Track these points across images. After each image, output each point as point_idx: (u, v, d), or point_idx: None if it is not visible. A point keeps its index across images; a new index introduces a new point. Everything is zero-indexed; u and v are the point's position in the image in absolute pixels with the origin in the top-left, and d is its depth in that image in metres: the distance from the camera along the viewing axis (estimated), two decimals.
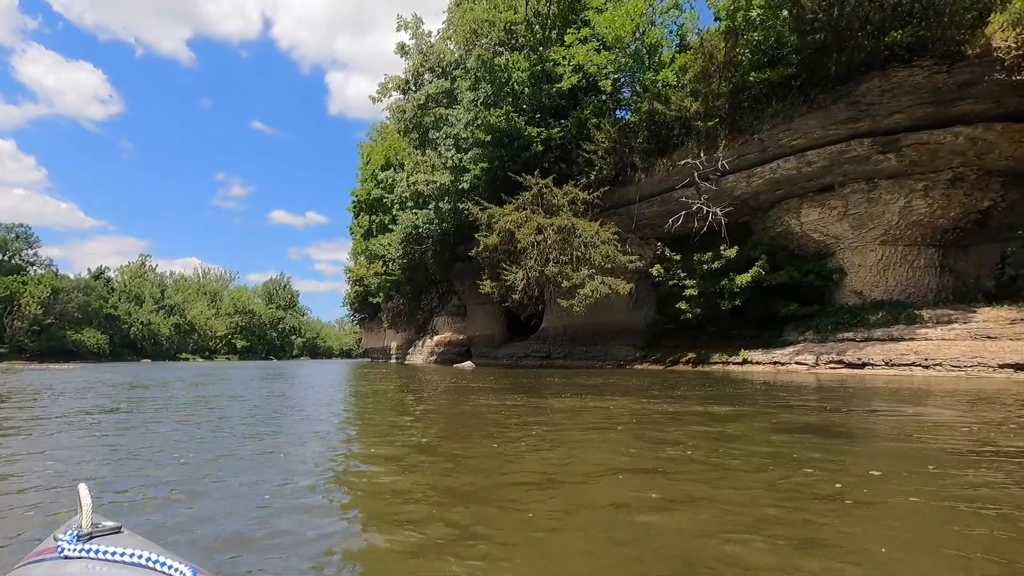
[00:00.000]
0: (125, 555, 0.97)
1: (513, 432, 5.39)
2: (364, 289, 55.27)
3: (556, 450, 4.41)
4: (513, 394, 9.80)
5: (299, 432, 5.79)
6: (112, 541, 1.03)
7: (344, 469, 3.92)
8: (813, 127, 15.88)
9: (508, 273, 20.55)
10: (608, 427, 5.58)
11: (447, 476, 3.61)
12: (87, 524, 1.06)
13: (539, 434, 5.26)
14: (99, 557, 0.97)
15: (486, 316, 36.67)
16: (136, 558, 0.96)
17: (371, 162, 41.76)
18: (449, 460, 4.11)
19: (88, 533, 1.04)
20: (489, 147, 22.35)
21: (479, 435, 5.33)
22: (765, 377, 14.39)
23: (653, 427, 5.57)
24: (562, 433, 5.32)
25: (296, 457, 4.29)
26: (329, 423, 6.68)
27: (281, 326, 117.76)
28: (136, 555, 0.97)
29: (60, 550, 0.99)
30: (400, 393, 11.15)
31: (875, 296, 16.67)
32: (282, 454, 4.40)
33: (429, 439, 5.14)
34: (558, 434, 5.25)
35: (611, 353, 24.57)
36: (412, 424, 6.29)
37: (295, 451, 4.55)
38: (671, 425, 5.65)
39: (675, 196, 20.14)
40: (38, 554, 1.02)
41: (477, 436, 5.28)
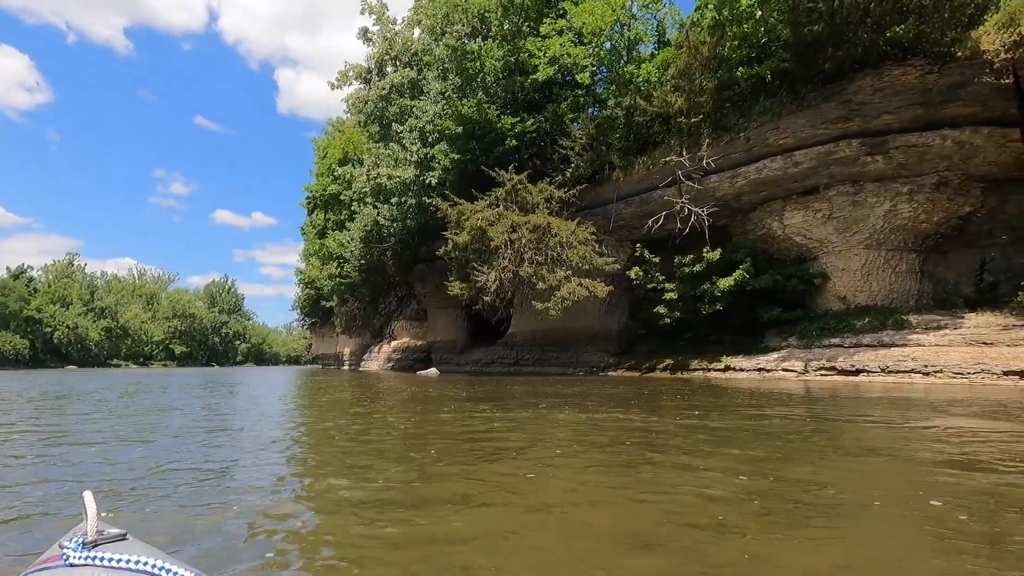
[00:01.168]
0: (131, 562, 0.95)
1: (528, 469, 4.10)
2: (316, 292, 52.63)
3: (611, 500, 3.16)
4: (500, 408, 8.49)
5: (244, 477, 4.30)
6: (117, 548, 1.00)
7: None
8: (802, 126, 15.38)
9: (479, 274, 19.22)
10: (612, 450, 4.39)
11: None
12: (92, 531, 1.02)
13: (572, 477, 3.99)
14: (105, 564, 0.95)
15: (448, 321, 35.19)
16: (142, 565, 0.94)
17: (327, 156, 39.48)
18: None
19: (93, 540, 1.01)
20: (459, 140, 21.00)
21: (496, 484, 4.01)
22: (752, 385, 13.63)
23: (664, 455, 4.40)
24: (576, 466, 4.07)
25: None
26: (287, 452, 5.18)
27: (224, 331, 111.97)
28: (142, 562, 0.95)
29: (65, 558, 0.97)
30: (365, 406, 9.63)
31: (859, 301, 16.31)
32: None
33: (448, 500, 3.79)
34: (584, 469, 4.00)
35: (583, 360, 23.58)
36: (406, 458, 4.89)
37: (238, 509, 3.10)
38: (680, 453, 4.50)
39: (654, 196, 19.39)
40: (43, 562, 1.01)
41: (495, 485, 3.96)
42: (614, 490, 3.31)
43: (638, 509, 2.91)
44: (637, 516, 2.78)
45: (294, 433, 6.46)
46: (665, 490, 3.21)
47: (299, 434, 6.39)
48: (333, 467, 4.20)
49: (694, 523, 2.55)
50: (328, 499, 3.18)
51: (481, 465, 4.06)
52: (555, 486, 3.45)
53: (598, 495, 3.23)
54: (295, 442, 5.66)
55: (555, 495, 3.23)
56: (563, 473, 3.82)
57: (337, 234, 31.84)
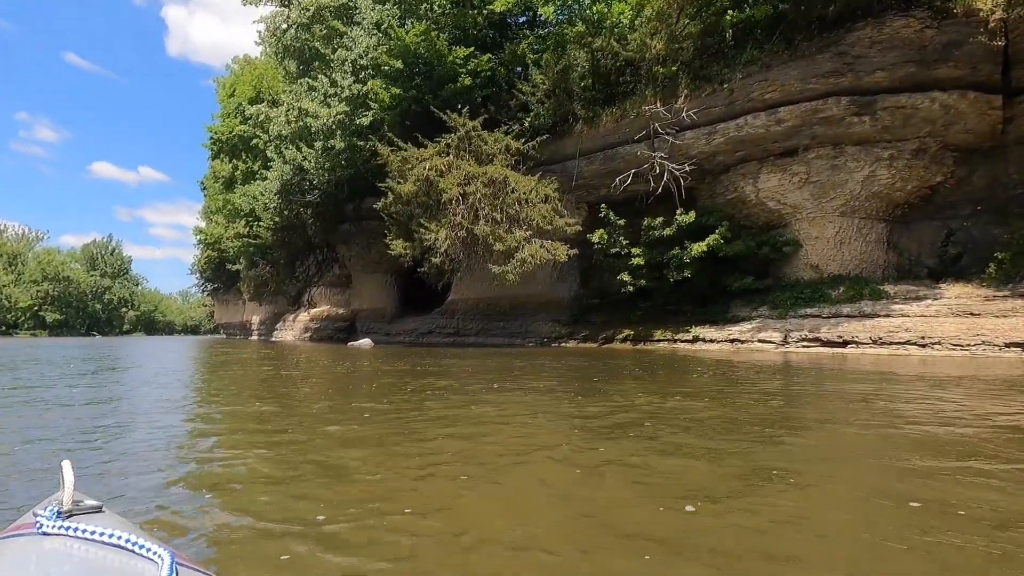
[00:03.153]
0: (104, 535, 0.90)
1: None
2: (220, 254, 46.99)
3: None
4: (491, 390, 6.47)
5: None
6: (92, 520, 0.96)
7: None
8: (792, 79, 14.22)
9: (427, 232, 16.77)
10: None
11: None
12: (68, 501, 0.97)
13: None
14: (77, 535, 0.90)
15: (376, 287, 32.28)
16: (115, 538, 0.90)
17: (235, 94, 34.26)
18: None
19: (68, 511, 0.97)
20: (401, 76, 18.10)
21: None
22: (726, 356, 12.55)
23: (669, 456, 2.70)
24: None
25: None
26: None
27: (107, 297, 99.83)
28: (115, 535, 0.90)
29: (39, 526, 0.91)
30: (312, 400, 7.23)
31: (831, 271, 15.74)
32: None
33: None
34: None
35: (533, 330, 21.92)
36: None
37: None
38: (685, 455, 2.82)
39: (621, 152, 17.76)
40: (16, 528, 0.95)
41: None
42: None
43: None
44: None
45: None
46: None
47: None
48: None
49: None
50: None
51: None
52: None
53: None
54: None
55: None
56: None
57: (248, 186, 27.56)
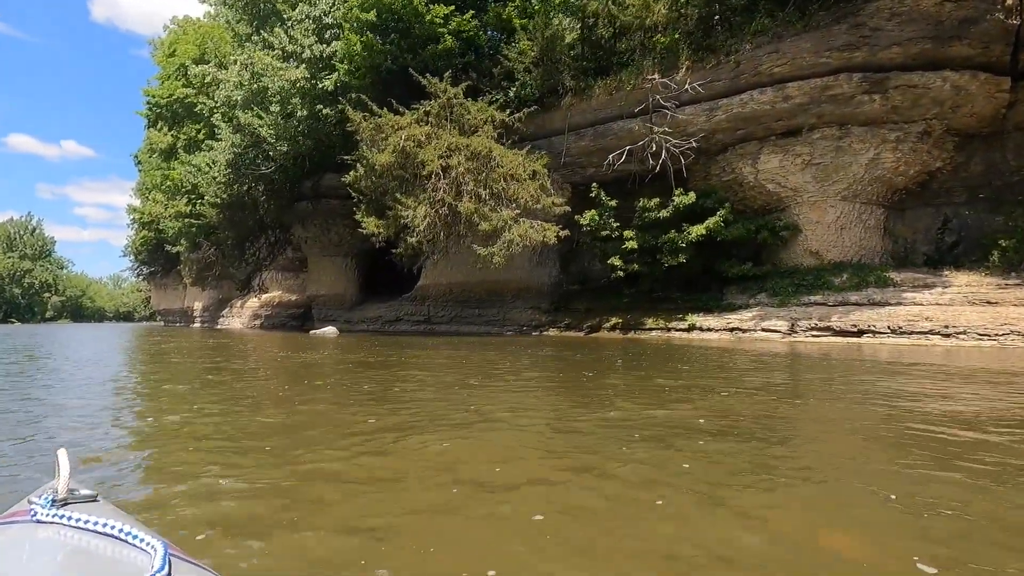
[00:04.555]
0: (98, 524, 0.89)
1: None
2: (157, 235, 43.13)
3: None
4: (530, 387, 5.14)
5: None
6: (86, 509, 0.94)
7: None
8: (804, 52, 13.36)
9: (404, 208, 15.10)
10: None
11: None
12: (63, 490, 0.97)
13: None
14: (71, 524, 0.89)
15: (335, 271, 30.09)
16: (109, 528, 0.89)
17: (176, 54, 30.82)
18: None
19: (63, 499, 0.96)
20: (375, 31, 16.20)
21: None
22: (731, 346, 11.71)
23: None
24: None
25: None
26: None
27: (28, 281, 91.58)
28: (109, 525, 0.89)
29: (33, 513, 0.91)
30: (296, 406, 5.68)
31: (832, 257, 15.15)
32: None
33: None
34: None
35: (511, 317, 20.62)
36: None
37: None
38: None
39: (615, 128, 16.58)
40: (10, 516, 0.96)
41: None
42: None
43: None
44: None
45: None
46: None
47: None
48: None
49: None
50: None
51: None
52: None
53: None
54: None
55: None
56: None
57: (195, 156, 24.73)
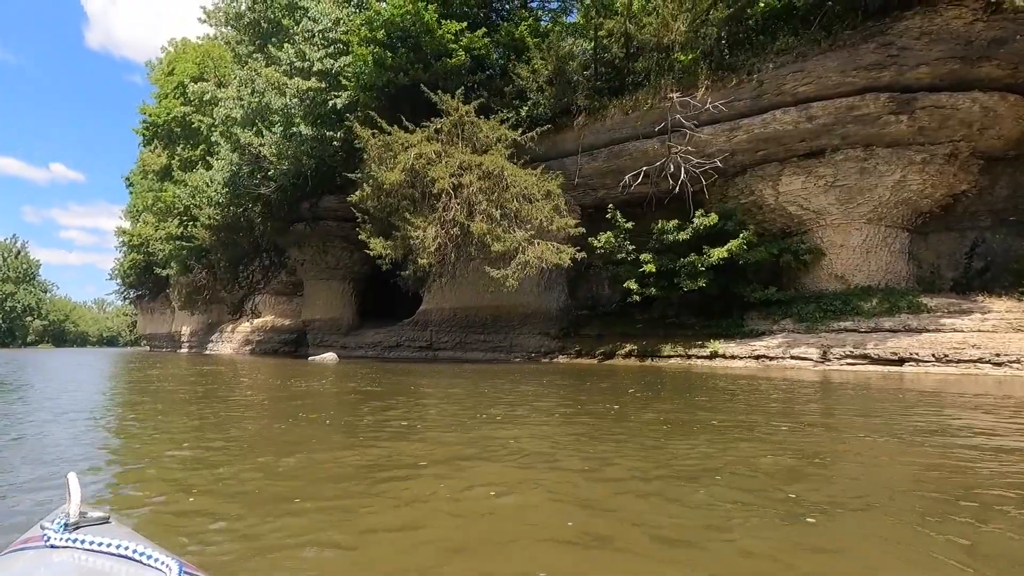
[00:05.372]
0: (112, 546, 0.90)
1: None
2: (147, 257, 42.08)
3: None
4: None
5: None
6: (99, 531, 0.96)
7: None
8: (830, 71, 13.01)
9: (413, 229, 14.40)
10: None
11: None
12: (75, 513, 0.98)
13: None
14: (85, 547, 0.90)
15: (331, 295, 29.24)
16: (123, 549, 0.89)
17: (175, 72, 30.33)
18: None
19: (75, 523, 0.97)
20: (384, 47, 15.73)
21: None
22: (762, 375, 10.98)
23: None
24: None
25: None
26: None
27: (9, 304, 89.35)
28: (123, 546, 0.90)
29: (46, 539, 0.93)
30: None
31: (858, 281, 14.60)
32: None
33: None
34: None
35: (519, 344, 19.82)
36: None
37: None
38: None
39: (630, 148, 16.13)
40: (24, 542, 0.97)
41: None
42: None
43: None
44: None
45: None
46: None
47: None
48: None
49: None
50: None
51: None
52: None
53: None
54: None
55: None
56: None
57: (193, 175, 23.99)
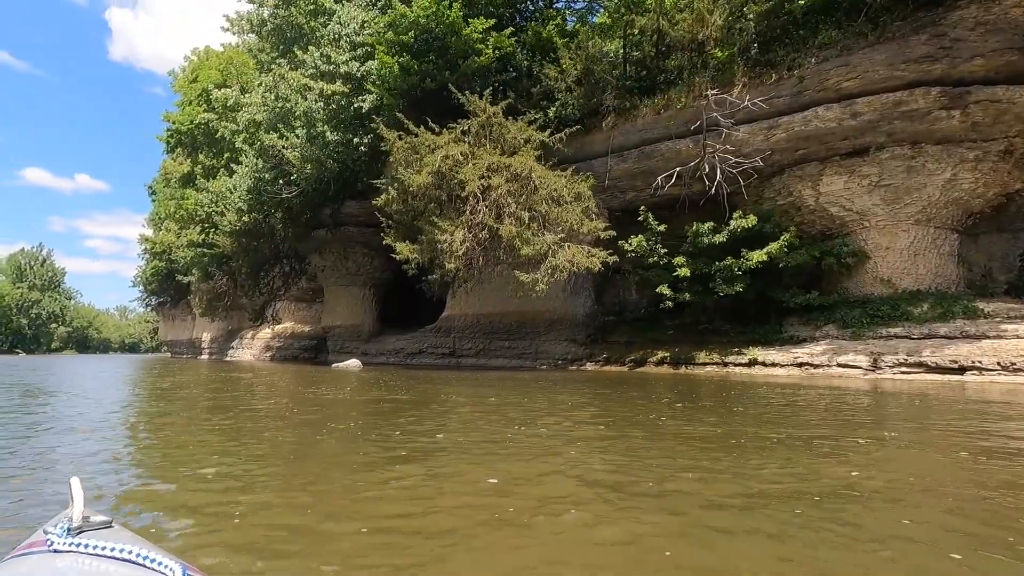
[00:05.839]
0: (115, 550, 0.90)
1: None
2: (169, 264, 42.43)
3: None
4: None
5: None
6: (102, 536, 0.96)
7: None
8: (877, 64, 12.43)
9: (440, 232, 14.05)
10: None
11: None
12: (78, 517, 0.97)
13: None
14: (89, 552, 0.90)
15: (352, 302, 29.04)
16: (126, 553, 0.90)
17: (199, 79, 30.59)
18: None
19: (78, 527, 0.96)
20: (410, 51, 15.48)
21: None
22: (808, 383, 10.36)
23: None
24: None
25: None
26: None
27: (35, 311, 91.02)
28: (126, 550, 0.90)
29: (49, 543, 0.92)
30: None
31: (905, 285, 13.91)
32: None
33: None
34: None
35: (544, 350, 19.35)
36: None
37: None
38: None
39: (662, 149, 15.65)
40: (27, 547, 0.95)
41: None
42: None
43: None
44: None
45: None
46: None
47: None
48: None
49: None
50: None
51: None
52: None
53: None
54: None
55: None
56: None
57: (216, 182, 23.98)
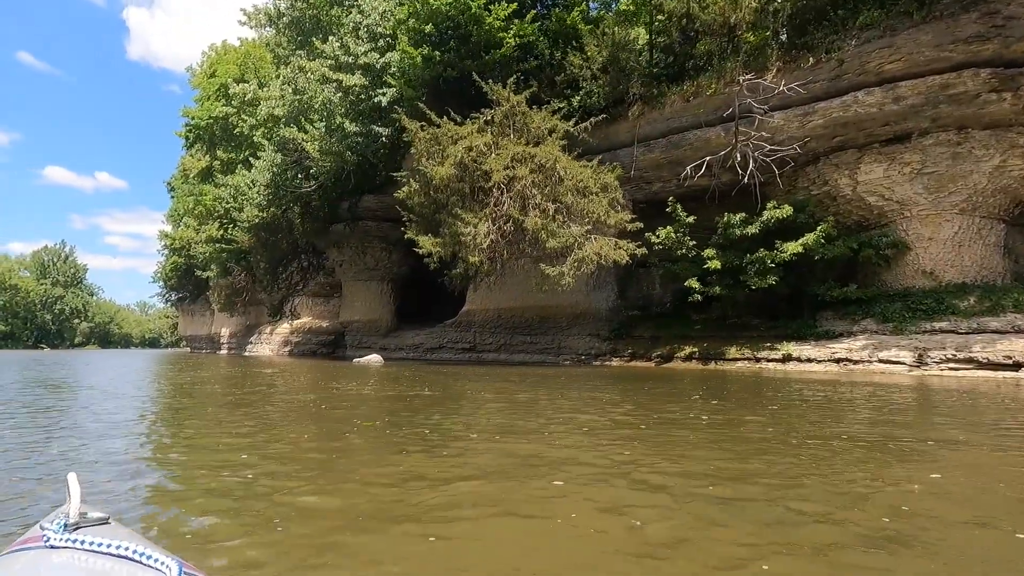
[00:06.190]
0: (111, 546, 0.90)
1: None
2: (188, 260, 42.72)
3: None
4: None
5: None
6: (99, 532, 0.96)
7: None
8: (923, 45, 11.84)
9: (464, 225, 13.73)
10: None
11: None
12: (75, 514, 0.98)
13: None
14: (85, 548, 0.90)
15: (370, 296, 28.84)
16: (123, 550, 0.89)
17: (217, 75, 30.59)
18: None
19: (75, 523, 0.97)
20: (431, 40, 15.15)
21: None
22: (849, 380, 9.89)
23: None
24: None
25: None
26: None
27: (59, 307, 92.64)
28: (123, 547, 0.90)
29: (46, 539, 0.92)
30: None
31: (949, 278, 13.31)
32: None
33: None
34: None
35: (567, 345, 18.99)
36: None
37: None
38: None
39: (690, 138, 15.15)
40: (24, 542, 0.96)
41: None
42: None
43: None
44: None
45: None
46: None
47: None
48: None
49: None
50: None
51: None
52: None
53: None
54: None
55: None
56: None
57: (235, 176, 23.91)
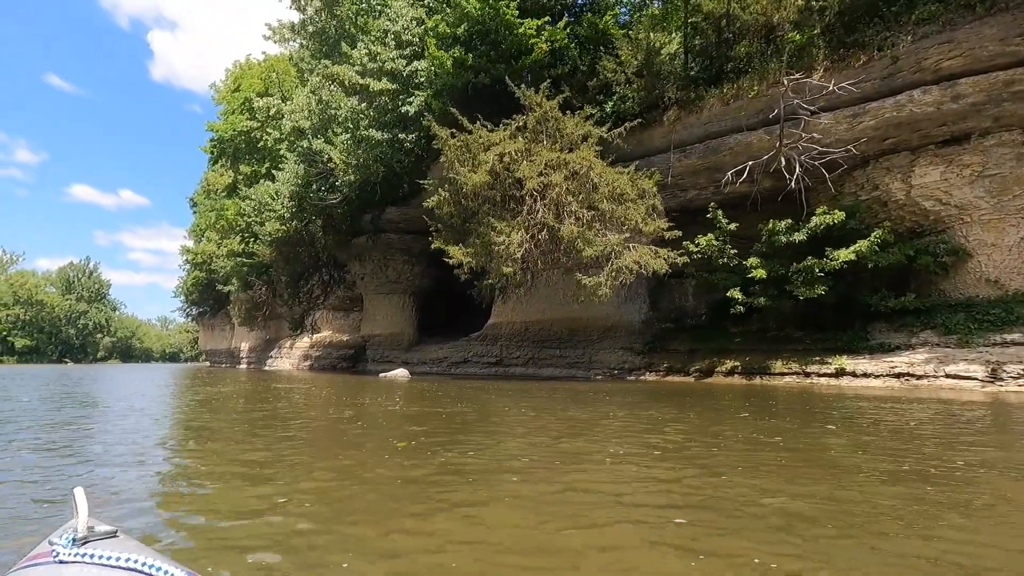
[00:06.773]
0: (121, 560, 0.90)
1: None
2: (209, 274, 42.88)
3: None
4: None
5: None
6: (108, 545, 0.96)
7: None
8: (986, 40, 11.14)
9: (496, 234, 13.21)
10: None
11: None
12: (83, 528, 0.97)
13: None
14: (95, 562, 0.90)
15: (392, 310, 28.42)
16: (132, 563, 0.90)
17: (241, 88, 30.83)
18: None
19: (83, 537, 0.96)
20: (461, 45, 14.81)
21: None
22: (915, 397, 9.08)
23: None
24: None
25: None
26: None
27: (82, 322, 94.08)
28: (132, 560, 0.90)
29: (55, 554, 0.92)
30: None
31: (1016, 286, 12.44)
32: None
33: None
34: None
35: (599, 359, 18.30)
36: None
37: None
38: None
39: (730, 142, 14.54)
40: (32, 558, 0.95)
41: None
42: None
43: None
44: None
45: None
46: None
47: None
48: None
49: None
50: None
51: None
52: None
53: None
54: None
55: None
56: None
57: (258, 187, 23.82)
